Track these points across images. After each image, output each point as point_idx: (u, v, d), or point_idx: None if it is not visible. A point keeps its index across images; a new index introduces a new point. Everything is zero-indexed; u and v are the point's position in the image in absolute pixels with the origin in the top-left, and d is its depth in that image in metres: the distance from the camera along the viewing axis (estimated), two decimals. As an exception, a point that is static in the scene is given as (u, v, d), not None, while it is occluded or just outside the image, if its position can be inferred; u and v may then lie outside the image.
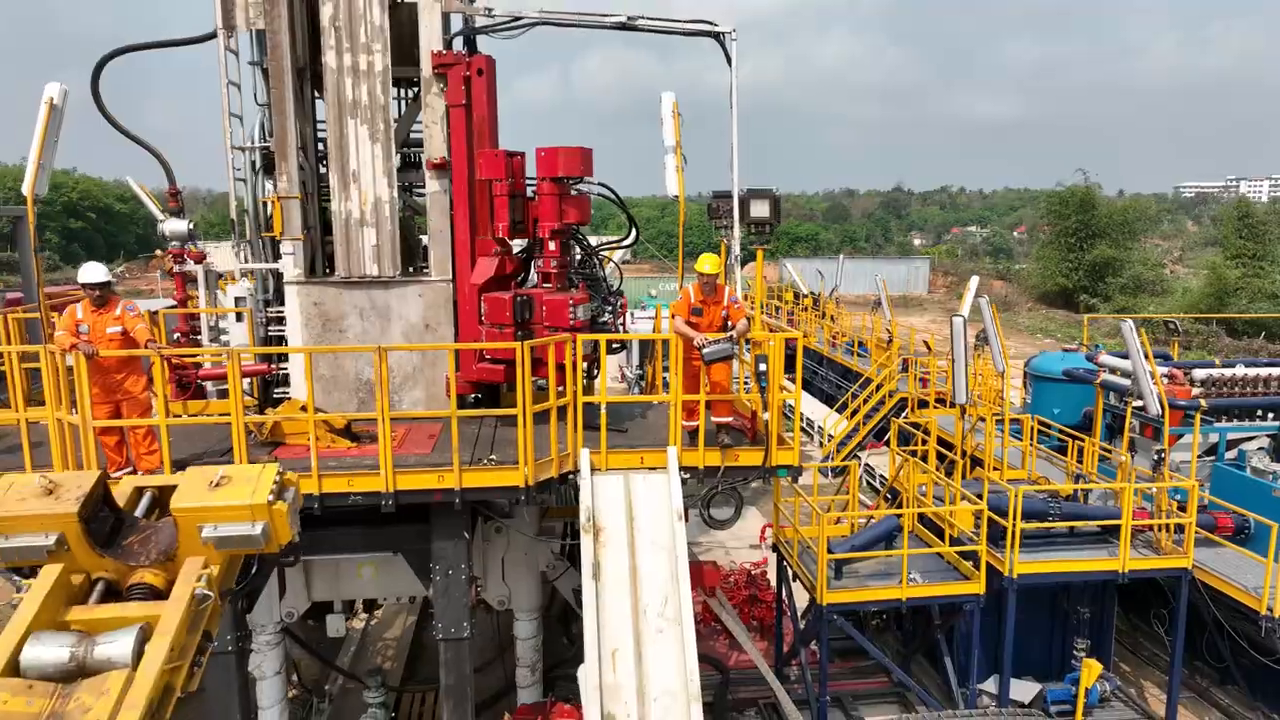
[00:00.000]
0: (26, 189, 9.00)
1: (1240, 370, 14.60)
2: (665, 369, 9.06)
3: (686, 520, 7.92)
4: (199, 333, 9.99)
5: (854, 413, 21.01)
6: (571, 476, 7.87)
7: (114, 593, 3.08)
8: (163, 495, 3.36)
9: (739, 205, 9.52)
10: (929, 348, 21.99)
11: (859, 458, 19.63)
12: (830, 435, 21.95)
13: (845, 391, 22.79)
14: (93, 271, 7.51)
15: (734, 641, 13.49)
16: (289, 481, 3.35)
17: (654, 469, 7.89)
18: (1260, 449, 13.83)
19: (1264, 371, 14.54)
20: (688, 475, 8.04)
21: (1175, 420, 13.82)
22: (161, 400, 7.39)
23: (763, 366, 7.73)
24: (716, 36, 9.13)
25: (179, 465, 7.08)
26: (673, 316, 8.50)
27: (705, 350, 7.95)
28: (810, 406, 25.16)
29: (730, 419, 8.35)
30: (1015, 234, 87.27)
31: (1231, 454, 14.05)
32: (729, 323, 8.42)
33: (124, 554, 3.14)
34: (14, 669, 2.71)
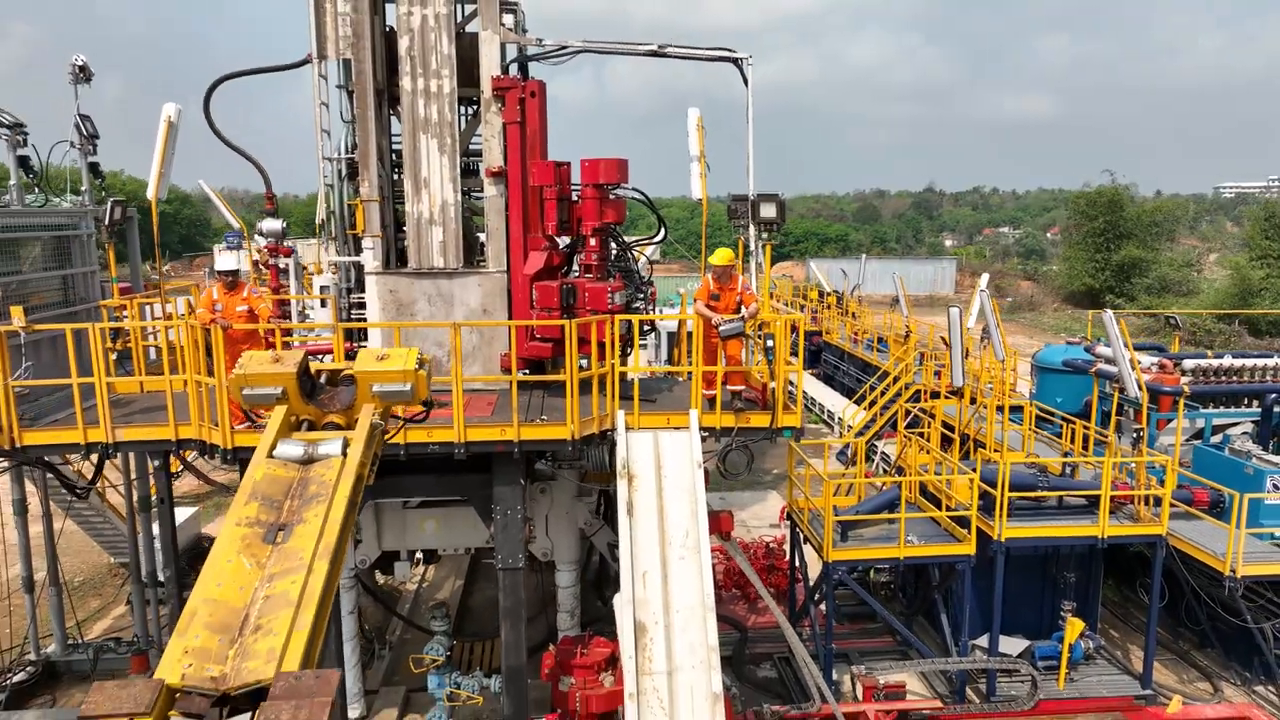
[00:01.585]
0: (151, 194, 10.71)
1: (1227, 360, 15.64)
2: (690, 361, 10.48)
3: (708, 481, 9.34)
4: (289, 317, 11.63)
5: (871, 404, 22.20)
6: (609, 434, 9.32)
7: (313, 429, 4.80)
8: (332, 376, 5.09)
9: (750, 207, 10.92)
10: (946, 343, 23.04)
11: (875, 446, 20.81)
12: (849, 426, 23.14)
13: (864, 384, 23.96)
14: (226, 260, 9.18)
15: (751, 606, 14.90)
16: (425, 359, 5.03)
17: (678, 428, 9.29)
18: (1244, 433, 14.91)
19: (1249, 362, 15.56)
20: (707, 434, 9.44)
21: (1165, 406, 14.93)
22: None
23: (770, 343, 9.13)
24: (735, 62, 10.53)
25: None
26: (695, 301, 9.95)
27: (722, 328, 9.39)
28: (831, 398, 26.37)
29: (743, 388, 9.76)
30: (1049, 235, 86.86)
31: (1217, 438, 15.12)
32: (742, 306, 9.82)
33: (320, 404, 4.87)
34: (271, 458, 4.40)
